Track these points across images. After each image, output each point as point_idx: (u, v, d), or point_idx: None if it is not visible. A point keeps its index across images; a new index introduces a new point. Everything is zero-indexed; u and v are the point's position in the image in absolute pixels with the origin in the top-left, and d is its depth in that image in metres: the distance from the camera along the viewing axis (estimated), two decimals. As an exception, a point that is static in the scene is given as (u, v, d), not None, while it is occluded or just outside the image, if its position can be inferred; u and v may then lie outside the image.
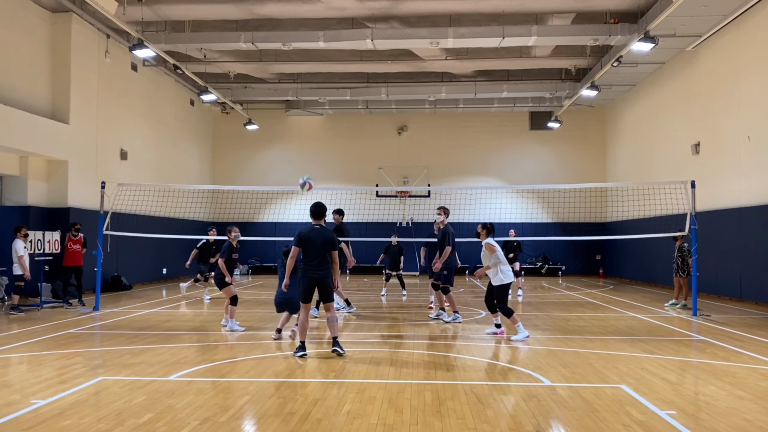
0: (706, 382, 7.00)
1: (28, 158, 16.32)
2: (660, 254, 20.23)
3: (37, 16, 16.46)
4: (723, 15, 15.65)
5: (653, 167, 21.66)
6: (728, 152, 16.58)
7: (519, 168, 27.80)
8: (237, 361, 8.10)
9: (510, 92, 23.48)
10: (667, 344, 9.53)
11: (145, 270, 21.12)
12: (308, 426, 5.34)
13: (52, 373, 7.27)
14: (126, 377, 7.12)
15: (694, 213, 13.26)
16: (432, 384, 6.85)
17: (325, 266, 8.44)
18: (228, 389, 6.59)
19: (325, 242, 8.44)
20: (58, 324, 11.46)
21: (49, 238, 14.62)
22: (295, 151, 28.66)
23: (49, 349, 8.93)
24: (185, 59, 20.63)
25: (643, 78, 22.19)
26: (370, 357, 8.43)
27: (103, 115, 18.87)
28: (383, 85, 23.79)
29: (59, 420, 5.46)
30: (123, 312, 13.45)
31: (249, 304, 15.05)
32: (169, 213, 19.61)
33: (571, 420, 5.55)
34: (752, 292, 15.31)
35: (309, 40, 17.61)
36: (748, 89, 15.58)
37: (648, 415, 5.69)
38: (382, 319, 12.53)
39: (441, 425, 5.36)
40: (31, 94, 16.16)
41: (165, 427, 5.30)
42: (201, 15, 17.63)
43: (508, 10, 17.09)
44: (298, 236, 8.52)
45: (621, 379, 7.10)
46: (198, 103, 26.18)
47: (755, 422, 5.51)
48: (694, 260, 13.25)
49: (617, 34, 16.88)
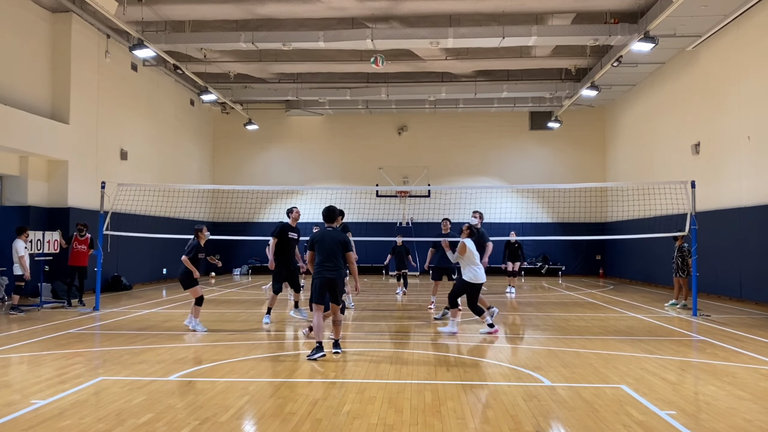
0: (706, 382, 7.00)
1: (28, 158, 16.33)
2: (660, 254, 20.23)
3: (37, 16, 16.46)
4: (723, 15, 15.65)
5: (653, 167, 21.66)
6: (728, 152, 16.58)
7: (519, 168, 27.80)
8: (237, 361, 8.10)
9: (510, 92, 23.48)
10: (667, 344, 9.53)
11: (145, 270, 21.12)
12: (308, 426, 5.34)
13: (52, 373, 7.27)
14: (126, 377, 7.13)
15: (694, 213, 13.26)
16: (432, 384, 6.85)
17: (337, 267, 8.53)
18: (228, 389, 6.59)
19: (337, 244, 8.55)
20: (58, 324, 11.46)
21: (49, 238, 14.62)
22: (295, 151, 28.67)
23: (49, 349, 8.93)
24: (185, 59, 20.63)
25: (643, 78, 22.19)
26: (370, 357, 8.43)
27: (103, 115, 18.87)
28: (383, 85, 23.79)
29: (59, 420, 5.46)
30: (123, 312, 13.45)
31: (248, 305, 15.04)
32: (169, 213, 19.60)
33: (571, 420, 5.55)
34: (752, 292, 15.31)
35: (309, 40, 17.61)
36: (748, 89, 15.57)
37: (648, 415, 5.69)
38: (383, 319, 12.53)
39: (441, 425, 5.36)
40: (31, 94, 16.16)
41: (165, 427, 5.30)
42: (201, 15, 17.63)
43: (508, 10, 17.08)
44: (310, 239, 8.73)
45: (621, 379, 7.10)
46: (198, 103, 26.18)
47: (755, 422, 5.50)
48: (694, 260, 13.25)
49: (617, 34, 16.87)
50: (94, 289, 14.27)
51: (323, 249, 8.53)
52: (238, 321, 12.05)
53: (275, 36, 17.62)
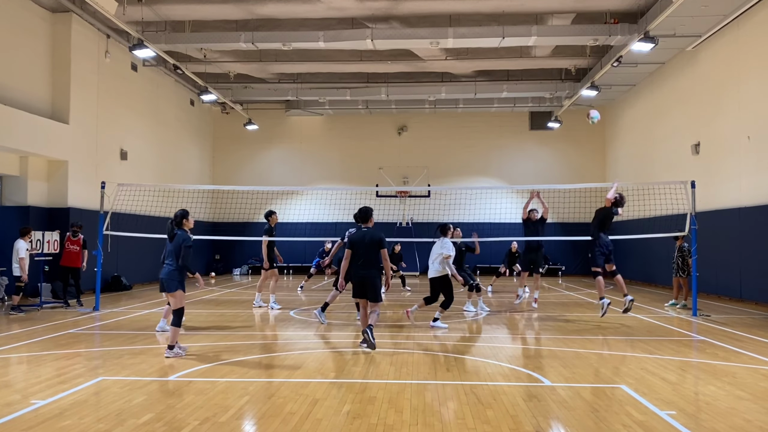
0: (706, 382, 7.00)
1: (28, 158, 16.32)
2: (660, 254, 20.23)
3: (37, 16, 16.46)
4: (723, 15, 15.65)
5: (653, 167, 21.66)
6: (728, 152, 16.58)
7: (518, 168, 27.81)
8: (237, 362, 8.10)
9: (510, 92, 23.48)
10: (667, 344, 9.53)
11: (145, 270, 21.09)
12: (308, 426, 5.34)
13: (52, 374, 7.27)
14: (126, 377, 7.12)
15: (694, 213, 13.26)
16: (432, 384, 6.85)
17: (372, 266, 9.05)
18: (228, 389, 6.59)
19: (374, 243, 9.08)
20: (58, 324, 11.46)
21: (49, 238, 14.62)
22: (295, 151, 28.67)
23: (49, 349, 8.93)
24: (185, 59, 20.63)
25: (643, 78, 22.19)
26: (371, 357, 8.43)
27: (103, 115, 18.87)
28: (383, 85, 23.78)
29: (59, 420, 5.46)
30: (123, 312, 13.45)
31: (247, 305, 15.03)
32: (169, 213, 19.43)
33: (571, 420, 5.55)
34: (752, 293, 15.30)
35: (309, 40, 17.61)
36: (748, 89, 15.57)
37: (648, 415, 5.69)
38: (383, 319, 12.53)
39: (441, 425, 5.36)
40: (31, 94, 16.16)
41: (165, 427, 5.30)
42: (201, 15, 17.63)
43: (508, 10, 17.09)
44: (349, 240, 9.28)
45: (621, 379, 7.10)
46: (198, 103, 26.18)
47: (755, 422, 5.50)
48: (694, 260, 13.25)
49: (617, 34, 16.88)
50: (94, 289, 14.27)
51: (361, 248, 9.05)
52: (238, 321, 12.05)
53: (275, 36, 17.62)
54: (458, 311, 13.48)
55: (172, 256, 8.65)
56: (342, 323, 11.79)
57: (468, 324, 11.94)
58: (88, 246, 14.70)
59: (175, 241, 8.69)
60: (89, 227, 15.51)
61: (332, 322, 11.82)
